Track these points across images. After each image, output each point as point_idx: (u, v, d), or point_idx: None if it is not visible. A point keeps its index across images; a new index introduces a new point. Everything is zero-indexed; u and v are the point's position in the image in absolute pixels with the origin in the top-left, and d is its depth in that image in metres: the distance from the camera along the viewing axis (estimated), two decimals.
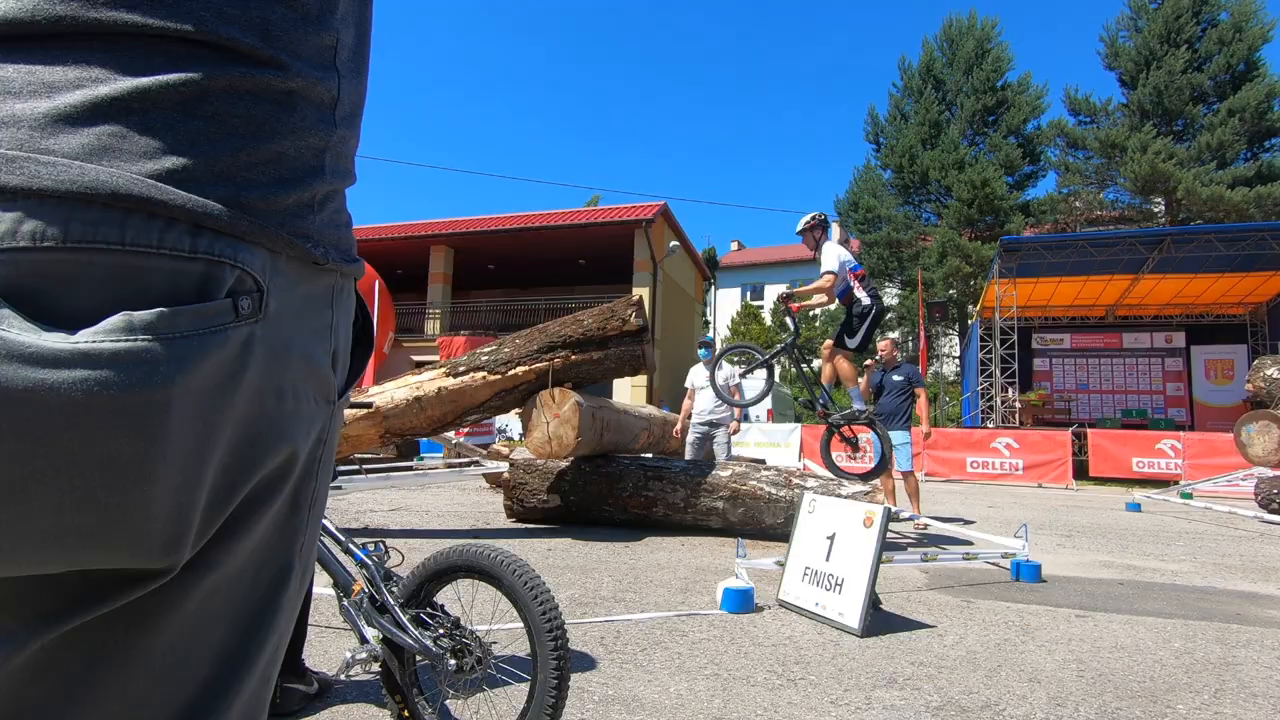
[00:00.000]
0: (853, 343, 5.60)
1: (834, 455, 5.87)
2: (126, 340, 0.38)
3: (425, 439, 8.79)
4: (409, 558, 2.16)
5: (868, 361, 7.10)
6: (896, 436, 6.66)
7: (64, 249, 0.38)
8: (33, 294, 0.37)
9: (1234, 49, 19.69)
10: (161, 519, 0.40)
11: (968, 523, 6.67)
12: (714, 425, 6.65)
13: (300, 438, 0.50)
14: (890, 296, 26.35)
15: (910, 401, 6.85)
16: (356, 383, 0.63)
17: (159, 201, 0.40)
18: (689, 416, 6.83)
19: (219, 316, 0.42)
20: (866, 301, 5.60)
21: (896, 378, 6.92)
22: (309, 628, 2.38)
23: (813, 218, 5.82)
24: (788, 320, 5.98)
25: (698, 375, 6.82)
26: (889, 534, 4.44)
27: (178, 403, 0.40)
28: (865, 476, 5.69)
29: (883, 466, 5.73)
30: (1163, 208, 21.06)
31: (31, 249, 0.37)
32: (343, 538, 2.01)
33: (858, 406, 5.76)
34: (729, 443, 6.69)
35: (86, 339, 0.37)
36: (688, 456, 6.64)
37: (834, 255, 5.57)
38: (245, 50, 0.45)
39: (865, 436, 6.21)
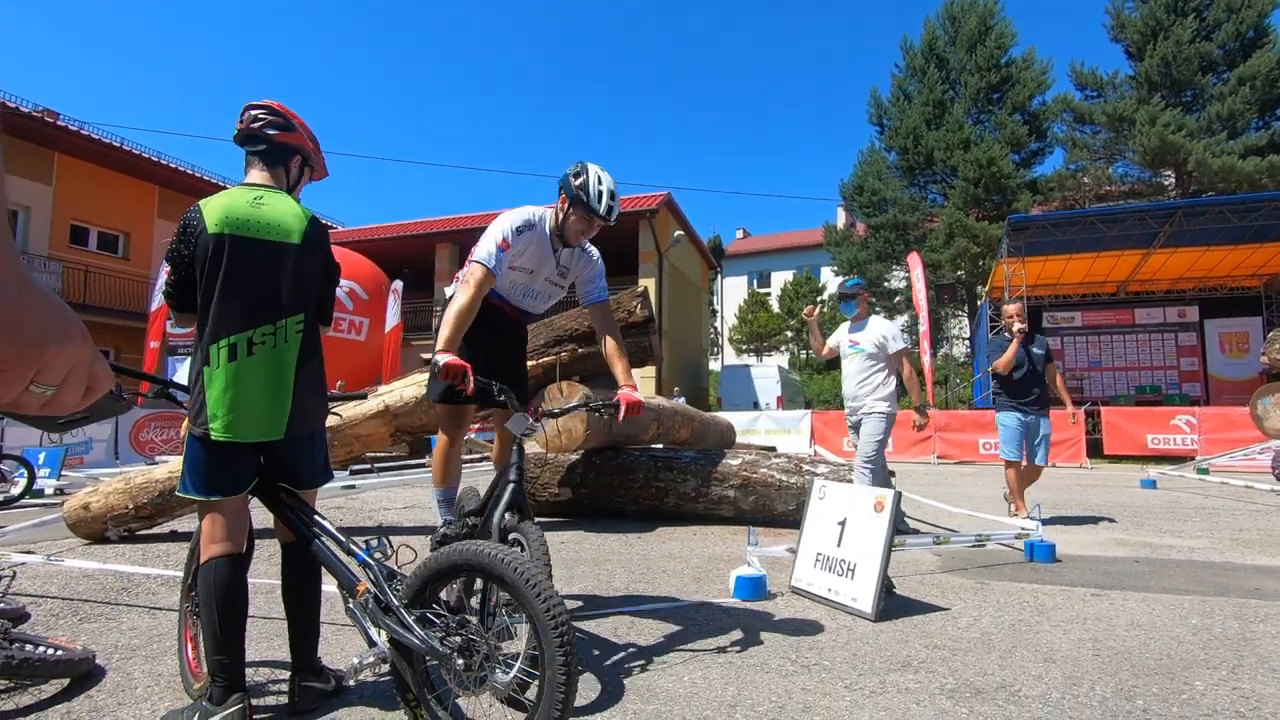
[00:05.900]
0: None
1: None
2: None
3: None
4: (423, 554, 2.16)
5: (1017, 327, 5.62)
6: (1044, 425, 5.59)
7: None
8: None
9: (1243, 15, 19.32)
10: None
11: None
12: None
13: None
14: (899, 280, 26.15)
15: None
16: None
17: None
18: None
19: None
20: None
21: (1037, 350, 5.64)
22: (324, 625, 2.39)
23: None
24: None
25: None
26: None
27: None
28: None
29: None
30: (1173, 180, 20.76)
31: None
32: (343, 538, 2.00)
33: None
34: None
35: None
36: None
37: None
38: None
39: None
